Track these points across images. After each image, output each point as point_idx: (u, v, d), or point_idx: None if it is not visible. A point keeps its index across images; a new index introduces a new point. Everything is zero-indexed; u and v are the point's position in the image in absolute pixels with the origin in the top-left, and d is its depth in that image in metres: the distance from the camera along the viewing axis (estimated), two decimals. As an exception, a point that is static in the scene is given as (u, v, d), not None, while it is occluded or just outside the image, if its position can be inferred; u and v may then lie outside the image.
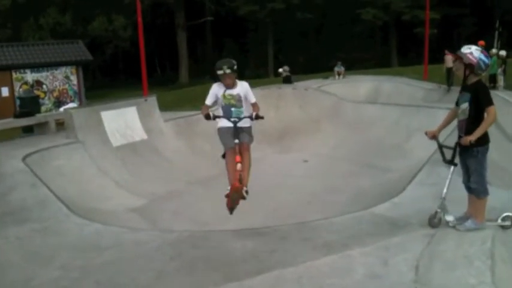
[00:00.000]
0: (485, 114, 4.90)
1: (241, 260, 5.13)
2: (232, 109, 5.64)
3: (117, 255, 5.49)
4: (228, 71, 5.42)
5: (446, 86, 20.59)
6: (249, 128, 5.81)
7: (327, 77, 26.99)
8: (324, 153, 13.84)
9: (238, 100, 5.64)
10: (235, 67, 5.51)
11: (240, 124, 5.62)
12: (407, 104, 15.79)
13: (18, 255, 5.54)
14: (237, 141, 5.56)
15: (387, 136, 13.52)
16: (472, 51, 4.99)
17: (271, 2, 42.29)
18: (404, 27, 44.45)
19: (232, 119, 5.59)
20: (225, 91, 5.60)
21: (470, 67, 4.99)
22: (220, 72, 5.46)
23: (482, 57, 5.00)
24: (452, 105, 5.52)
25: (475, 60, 4.97)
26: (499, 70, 19.35)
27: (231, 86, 5.60)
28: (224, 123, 5.69)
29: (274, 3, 42.23)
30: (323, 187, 10.68)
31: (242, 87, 5.68)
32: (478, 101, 4.95)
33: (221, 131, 5.74)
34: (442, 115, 5.95)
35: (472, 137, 4.84)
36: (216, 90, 5.68)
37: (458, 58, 5.05)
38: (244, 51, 49.57)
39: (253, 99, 5.76)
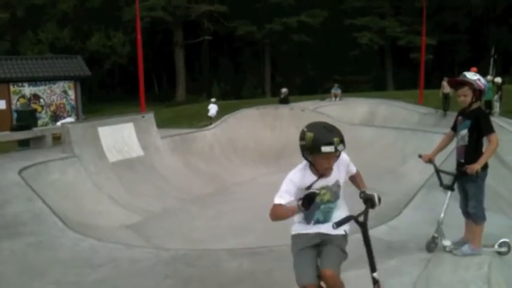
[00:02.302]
0: (485, 142, 4.95)
1: (237, 280, 5.09)
2: (322, 206, 3.49)
3: (111, 272, 5.45)
4: (341, 147, 3.23)
5: (442, 110, 20.81)
6: (343, 237, 3.61)
7: (323, 99, 27.22)
8: (319, 174, 13.86)
9: (335, 192, 3.53)
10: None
11: (326, 229, 3.48)
12: (403, 127, 15.89)
13: (12, 269, 5.48)
14: (319, 263, 3.46)
15: (382, 159, 13.56)
16: (480, 78, 5.06)
17: (268, 23, 42.76)
18: (400, 52, 44.99)
19: (314, 221, 3.50)
20: (315, 182, 3.39)
21: (479, 93, 5.06)
22: (327, 149, 3.19)
23: (487, 83, 5.12)
24: (448, 130, 5.57)
25: (483, 87, 5.05)
26: (496, 97, 19.57)
27: (329, 171, 3.43)
28: (302, 227, 3.57)
29: (271, 24, 42.70)
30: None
31: (341, 166, 3.53)
32: (479, 128, 4.99)
33: (297, 243, 3.57)
34: (437, 139, 6.00)
35: (478, 166, 4.86)
36: (298, 180, 3.42)
37: (468, 84, 5.06)
38: (241, 70, 49.90)
39: (355, 169, 3.72)
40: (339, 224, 3.28)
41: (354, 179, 3.72)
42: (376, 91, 37.02)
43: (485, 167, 5.03)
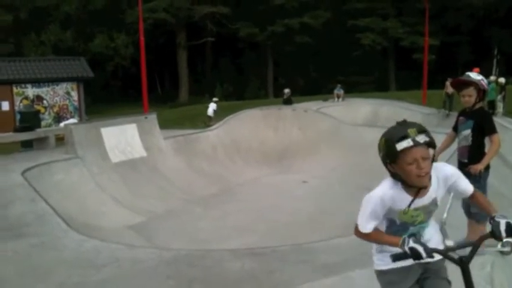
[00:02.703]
0: (487, 142, 4.95)
1: (239, 280, 5.10)
2: (412, 228, 2.73)
3: (115, 273, 5.46)
4: (421, 137, 2.48)
5: (446, 111, 20.80)
6: (443, 261, 2.83)
7: (326, 100, 27.22)
8: (322, 175, 13.86)
9: (431, 212, 2.75)
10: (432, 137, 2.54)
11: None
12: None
13: (16, 270, 5.49)
14: None
15: (385, 160, 13.54)
16: (483, 78, 5.08)
17: (271, 25, 42.77)
18: (403, 52, 44.94)
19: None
20: (412, 202, 2.62)
21: (483, 93, 5.07)
22: (404, 144, 2.48)
23: (488, 83, 5.15)
24: (450, 130, 5.57)
25: (486, 87, 5.06)
26: (499, 97, 19.53)
27: (427, 183, 2.58)
28: (396, 262, 2.60)
29: (274, 26, 42.71)
30: (322, 209, 10.67)
31: (440, 178, 2.68)
32: (482, 128, 4.99)
33: (387, 281, 2.83)
34: (440, 140, 6.00)
35: (481, 166, 4.87)
36: (384, 200, 2.65)
37: (473, 84, 5.06)
38: (244, 72, 49.92)
39: (471, 188, 2.81)
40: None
41: (475, 201, 2.85)
42: (379, 92, 36.98)
43: (487, 167, 5.03)
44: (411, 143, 2.46)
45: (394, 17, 44.52)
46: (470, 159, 5.04)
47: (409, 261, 2.57)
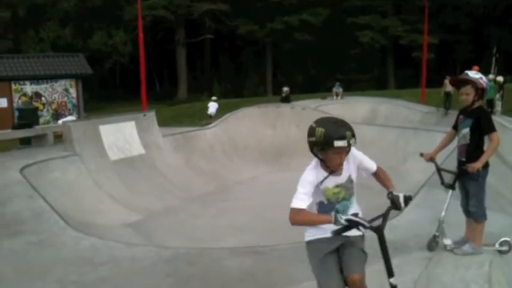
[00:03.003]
0: (486, 140, 4.95)
1: (238, 278, 5.10)
2: (338, 206, 3.34)
3: (113, 271, 5.45)
4: (353, 141, 3.13)
5: (444, 109, 20.80)
6: (362, 237, 3.44)
7: (325, 97, 27.20)
8: (320, 173, 13.84)
9: (350, 188, 3.38)
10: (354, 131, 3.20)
11: (348, 231, 3.15)
12: (404, 126, 15.88)
13: (13, 268, 5.49)
14: (343, 271, 3.30)
15: (384, 158, 13.40)
16: (482, 77, 5.06)
17: (270, 22, 42.73)
18: (402, 50, 44.95)
19: (338, 221, 3.04)
20: (328, 179, 3.28)
21: (481, 92, 5.06)
22: (340, 143, 3.09)
23: (488, 82, 5.12)
24: (449, 129, 5.56)
25: (485, 85, 5.04)
26: (497, 95, 19.53)
27: (340, 168, 3.29)
28: (320, 231, 3.31)
29: (273, 23, 42.67)
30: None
31: (351, 161, 3.37)
32: (481, 126, 4.99)
33: (313, 249, 3.41)
34: (439, 138, 6.00)
35: (479, 164, 4.87)
36: (313, 179, 3.26)
37: (471, 83, 5.06)
38: (242, 69, 49.91)
39: (374, 165, 3.50)
40: (339, 231, 3.06)
41: (377, 177, 3.51)
42: (378, 90, 37.00)
43: (486, 165, 5.03)
44: (346, 144, 3.10)
45: (393, 15, 44.53)
46: (469, 158, 5.04)
47: (326, 234, 3.19)
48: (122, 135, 12.52)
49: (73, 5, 39.33)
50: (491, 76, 20.83)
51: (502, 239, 5.28)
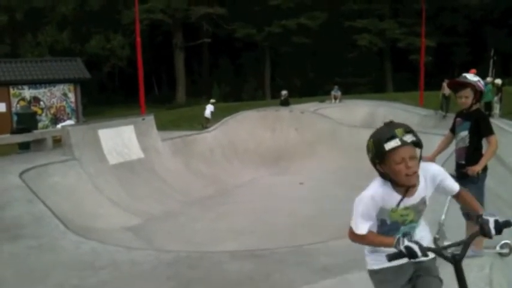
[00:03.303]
0: (485, 143, 4.96)
1: (238, 282, 5.10)
2: (403, 227, 2.79)
3: (113, 275, 5.45)
4: (408, 137, 2.56)
5: (442, 112, 20.84)
6: (434, 260, 2.88)
7: (323, 101, 27.25)
8: (319, 176, 13.87)
9: (420, 210, 2.84)
10: (419, 137, 2.62)
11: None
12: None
13: (13, 272, 5.49)
14: None
15: (383, 161, 13.56)
16: (480, 80, 5.08)
17: (268, 26, 42.80)
18: (400, 53, 45.05)
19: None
20: (401, 202, 2.68)
21: (480, 95, 5.08)
22: (392, 144, 2.53)
23: (485, 85, 5.15)
24: (447, 132, 5.58)
25: (483, 88, 5.07)
26: (495, 98, 19.57)
27: (415, 181, 2.67)
28: (390, 261, 2.59)
29: (271, 27, 42.74)
30: (319, 210, 10.67)
31: (428, 178, 2.77)
32: (479, 129, 5.00)
33: (381, 280, 2.84)
34: (437, 141, 6.00)
35: (479, 167, 4.88)
36: (374, 201, 2.68)
37: (470, 86, 5.07)
38: (241, 73, 49.95)
39: (457, 186, 2.87)
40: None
41: (461, 199, 2.92)
42: (376, 93, 37.05)
43: (485, 168, 5.04)
44: (399, 143, 2.52)
45: (390, 18, 44.64)
46: (468, 161, 5.05)
47: (402, 261, 2.61)
48: (121, 139, 12.52)
49: (71, 9, 39.33)
50: (489, 79, 20.87)
51: (503, 242, 5.29)
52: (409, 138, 2.55)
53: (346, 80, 41.84)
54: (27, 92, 22.60)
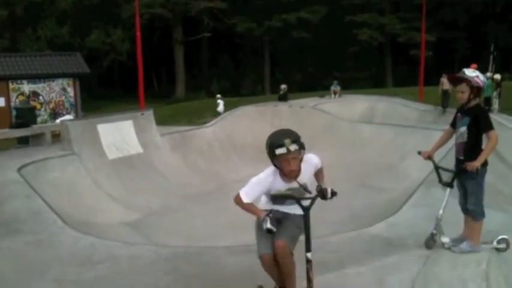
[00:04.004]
0: (484, 139, 4.96)
1: (236, 277, 5.10)
2: (288, 201, 3.96)
3: (111, 270, 5.45)
4: (293, 147, 3.61)
5: (442, 107, 20.79)
6: (300, 216, 3.93)
7: (323, 96, 27.19)
8: (318, 171, 13.84)
9: (301, 193, 3.93)
10: (301, 140, 3.72)
11: (287, 209, 4.01)
12: (402, 124, 15.88)
13: (11, 267, 5.48)
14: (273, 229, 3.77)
15: (382, 156, 13.56)
16: (479, 75, 5.06)
17: (268, 20, 42.69)
18: (400, 48, 44.96)
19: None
20: (283, 184, 3.84)
21: (477, 90, 5.06)
22: (281, 151, 3.61)
23: (485, 80, 5.12)
24: (447, 127, 5.57)
25: (481, 84, 5.04)
26: (494, 93, 19.55)
27: (296, 173, 3.81)
28: (266, 206, 4.06)
29: (271, 21, 42.63)
30: (317, 206, 10.62)
31: (309, 167, 3.95)
32: (478, 125, 4.99)
33: (258, 224, 3.98)
34: (436, 136, 6.00)
35: (478, 163, 4.87)
36: (267, 184, 3.84)
37: (465, 81, 5.07)
38: (240, 67, 49.86)
39: (320, 165, 4.10)
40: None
41: (316, 174, 4.11)
42: (376, 88, 36.99)
43: (484, 164, 5.03)
44: (285, 151, 3.61)
45: (391, 12, 44.55)
46: (467, 156, 5.05)
47: (270, 208, 3.94)
48: (120, 134, 12.51)
49: (70, 3, 39.15)
50: (488, 74, 20.85)
51: (500, 237, 5.30)
52: (293, 147, 3.62)
53: (346, 75, 41.79)
54: (27, 87, 22.55)
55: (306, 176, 3.91)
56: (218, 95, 25.39)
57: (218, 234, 8.76)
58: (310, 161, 3.95)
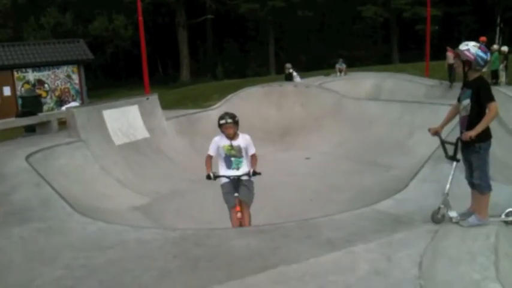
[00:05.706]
0: (487, 110, 4.90)
1: (245, 258, 5.11)
2: (232, 159, 6.26)
3: (121, 254, 5.48)
4: (229, 120, 6.07)
5: (449, 82, 20.59)
6: (250, 182, 6.37)
7: (328, 74, 27.01)
8: (326, 150, 13.82)
9: (239, 151, 6.23)
10: (236, 119, 6.14)
11: (239, 174, 6.27)
12: (409, 100, 15.74)
13: (21, 255, 5.53)
14: (236, 194, 6.18)
15: (389, 133, 13.48)
16: (469, 48, 4.98)
17: (271, 0, 42.22)
18: (406, 24, 44.41)
19: (231, 176, 6.26)
20: (225, 142, 6.21)
21: (468, 64, 4.99)
22: (222, 121, 6.11)
23: (480, 53, 4.99)
24: (455, 102, 5.52)
25: (472, 57, 4.96)
26: (501, 66, 19.31)
27: (232, 136, 6.19)
28: (225, 179, 6.31)
29: (274, 1, 42.17)
30: (325, 185, 10.66)
31: (243, 140, 6.26)
32: (479, 97, 4.94)
33: (223, 187, 6.38)
34: (444, 112, 5.94)
35: (473, 133, 4.84)
36: (217, 141, 6.30)
37: (457, 55, 5.04)
38: (245, 50, 49.55)
39: (252, 151, 6.31)
40: (250, 174, 6.38)
41: (250, 159, 6.37)
42: (382, 65, 36.66)
43: (488, 137, 4.99)
44: (223, 122, 6.14)
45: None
46: (468, 129, 5.00)
47: (228, 173, 6.35)
48: (126, 119, 12.52)
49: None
50: (495, 46, 20.55)
51: (508, 210, 5.27)
52: (229, 120, 6.11)
53: (351, 52, 41.39)
54: (31, 75, 22.63)
55: (240, 143, 6.22)
56: (288, 65, 23.75)
57: (227, 216, 8.77)
58: (244, 136, 6.30)
